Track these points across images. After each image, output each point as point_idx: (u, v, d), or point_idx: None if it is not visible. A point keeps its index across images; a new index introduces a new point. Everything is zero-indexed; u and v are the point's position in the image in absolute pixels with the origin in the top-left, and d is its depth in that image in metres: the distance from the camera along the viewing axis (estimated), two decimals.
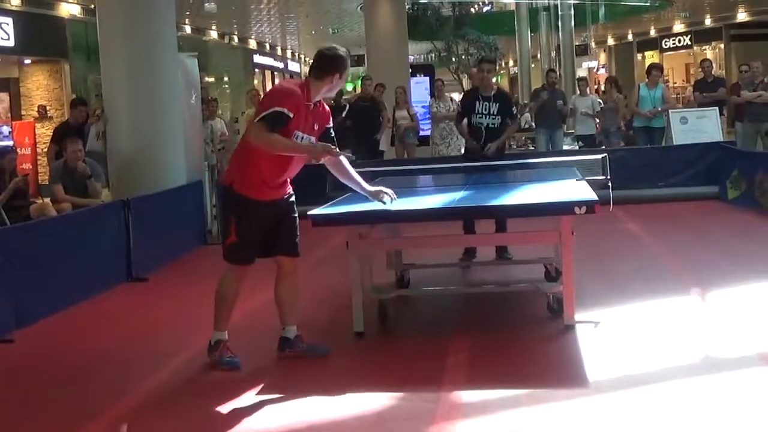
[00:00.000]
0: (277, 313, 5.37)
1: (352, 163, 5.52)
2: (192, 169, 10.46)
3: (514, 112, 8.36)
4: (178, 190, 9.76)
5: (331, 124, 5.40)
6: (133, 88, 9.60)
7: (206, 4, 22.20)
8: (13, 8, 17.67)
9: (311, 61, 5.36)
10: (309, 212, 5.51)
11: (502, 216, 6.95)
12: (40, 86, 19.27)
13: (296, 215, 5.36)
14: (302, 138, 5.10)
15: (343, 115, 13.84)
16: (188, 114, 10.65)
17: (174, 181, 9.73)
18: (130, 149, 9.61)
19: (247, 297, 5.18)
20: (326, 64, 5.18)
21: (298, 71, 39.76)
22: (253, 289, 5.54)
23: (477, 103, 7.99)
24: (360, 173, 5.61)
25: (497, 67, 39.17)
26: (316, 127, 5.21)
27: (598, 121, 14.72)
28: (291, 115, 4.96)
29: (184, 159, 10.08)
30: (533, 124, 16.04)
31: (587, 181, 6.45)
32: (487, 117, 7.93)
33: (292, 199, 5.35)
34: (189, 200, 10.07)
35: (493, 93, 8.04)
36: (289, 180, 5.30)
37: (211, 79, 29.27)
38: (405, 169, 9.55)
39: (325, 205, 6.01)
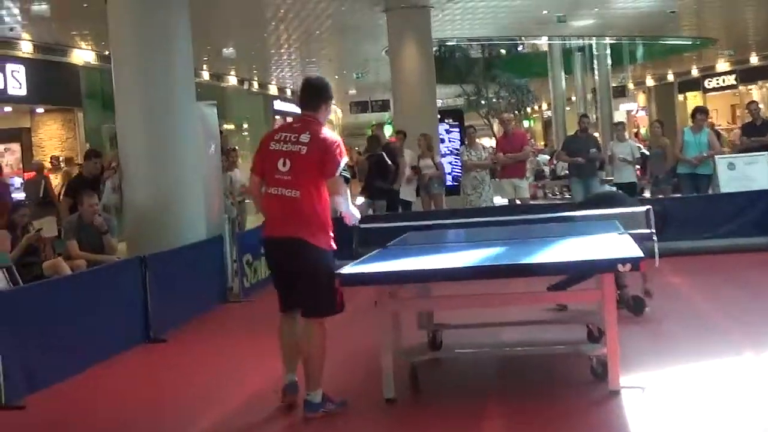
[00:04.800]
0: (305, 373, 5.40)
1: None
2: (212, 223, 10.54)
3: None
4: (198, 246, 9.83)
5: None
6: (150, 138, 9.72)
7: (225, 49, 22.50)
8: (25, 55, 17.97)
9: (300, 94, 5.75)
10: (337, 270, 5.53)
11: (541, 275, 6.90)
12: (52, 136, 19.53)
13: None
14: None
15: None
16: (207, 165, 10.75)
17: (193, 235, 9.80)
18: (146, 203, 9.70)
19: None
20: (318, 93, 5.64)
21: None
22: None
23: None
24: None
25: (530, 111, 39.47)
26: None
27: (638, 167, 14.66)
28: None
29: (204, 212, 10.16)
30: (567, 171, 16.02)
31: (630, 234, 6.43)
32: None
33: None
34: (209, 256, 10.14)
35: None
36: None
37: (231, 127, 29.56)
38: (435, 223, 9.46)
39: (354, 262, 6.02)
